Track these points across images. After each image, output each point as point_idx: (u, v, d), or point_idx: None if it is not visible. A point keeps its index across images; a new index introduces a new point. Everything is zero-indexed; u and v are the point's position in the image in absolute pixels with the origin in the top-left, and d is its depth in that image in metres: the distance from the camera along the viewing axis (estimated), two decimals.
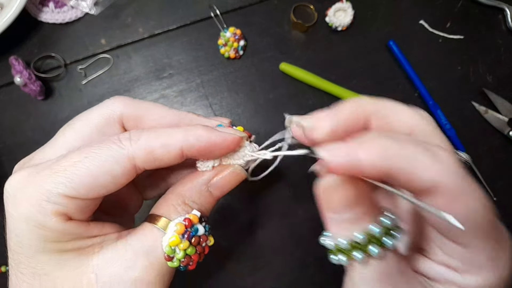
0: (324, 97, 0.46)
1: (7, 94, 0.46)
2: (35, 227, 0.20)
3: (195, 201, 0.24)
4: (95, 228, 0.23)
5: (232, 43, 0.45)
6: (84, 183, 0.21)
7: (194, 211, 0.23)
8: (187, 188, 0.24)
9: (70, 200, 0.21)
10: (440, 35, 0.48)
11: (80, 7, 0.47)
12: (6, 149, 0.44)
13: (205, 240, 0.23)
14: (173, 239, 0.21)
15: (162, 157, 0.22)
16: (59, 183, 0.20)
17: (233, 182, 0.25)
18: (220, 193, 0.25)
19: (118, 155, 0.21)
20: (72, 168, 0.21)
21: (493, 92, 0.46)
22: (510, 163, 0.45)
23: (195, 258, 0.22)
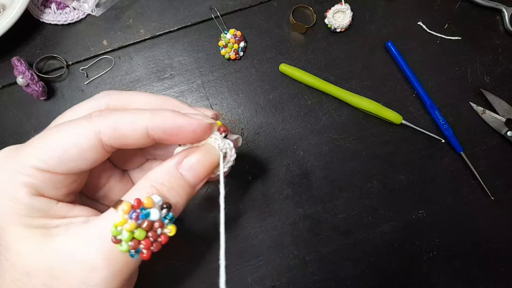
0: (323, 98, 0.46)
1: (10, 94, 0.46)
2: (6, 196, 0.21)
3: (163, 183, 0.22)
4: (63, 209, 0.22)
5: (232, 44, 0.46)
6: (54, 155, 0.21)
7: (154, 195, 0.21)
8: (156, 170, 0.23)
9: (41, 173, 0.21)
10: (438, 36, 0.48)
11: (82, 9, 0.47)
12: None
13: (161, 227, 0.21)
14: (118, 218, 0.20)
15: (127, 134, 0.22)
16: (31, 155, 0.21)
17: (205, 162, 0.23)
18: (192, 175, 0.23)
19: (86, 128, 0.22)
20: (44, 141, 0.22)
21: (490, 93, 0.46)
22: (507, 163, 0.45)
23: (147, 243, 0.20)
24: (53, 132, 0.22)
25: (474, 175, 0.44)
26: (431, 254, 0.43)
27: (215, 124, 0.24)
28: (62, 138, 0.22)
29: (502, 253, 0.43)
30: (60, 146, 0.21)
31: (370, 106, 0.45)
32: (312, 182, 0.44)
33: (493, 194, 0.44)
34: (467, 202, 0.44)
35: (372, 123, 0.46)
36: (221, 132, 0.25)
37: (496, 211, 0.44)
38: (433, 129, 0.46)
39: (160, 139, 0.23)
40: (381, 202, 0.44)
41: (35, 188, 0.21)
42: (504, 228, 0.44)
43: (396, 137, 0.46)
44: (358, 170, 0.45)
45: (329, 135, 0.45)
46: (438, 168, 0.45)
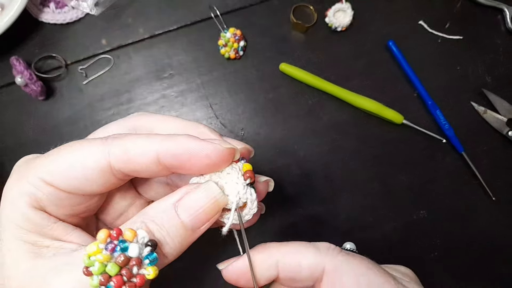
0: (324, 97, 0.46)
1: (8, 94, 0.46)
2: (8, 202, 0.21)
3: (155, 220, 0.20)
4: (60, 229, 0.21)
5: (232, 43, 0.45)
6: (60, 169, 0.20)
7: (139, 230, 0.19)
8: (152, 206, 0.21)
9: (46, 186, 0.20)
10: (439, 36, 0.48)
11: (80, 8, 0.47)
12: (6, 149, 0.45)
13: (139, 265, 0.18)
14: (93, 247, 0.17)
15: (136, 159, 0.20)
16: (42, 166, 0.21)
17: (205, 206, 0.20)
18: (189, 217, 0.20)
19: (95, 148, 0.21)
20: (57, 155, 0.21)
21: (492, 92, 0.46)
22: (508, 162, 0.45)
23: (118, 281, 0.17)
24: (66, 147, 0.21)
25: (475, 175, 0.44)
26: (432, 254, 0.43)
27: (236, 151, 0.22)
28: (70, 154, 0.21)
29: (503, 253, 0.43)
30: (66, 161, 0.21)
31: (371, 105, 0.44)
32: (312, 182, 0.44)
33: (494, 194, 0.43)
34: (468, 202, 0.44)
35: (373, 123, 0.46)
36: (246, 178, 0.21)
37: (497, 211, 0.44)
38: (434, 129, 0.45)
39: (172, 167, 0.21)
40: (381, 202, 0.44)
41: (37, 201, 0.20)
42: (505, 228, 0.43)
43: (397, 137, 0.45)
44: (358, 170, 0.44)
45: (330, 135, 0.45)
46: (439, 168, 0.45)
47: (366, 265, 0.22)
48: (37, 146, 0.45)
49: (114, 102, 0.46)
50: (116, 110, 0.46)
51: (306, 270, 0.22)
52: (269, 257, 0.23)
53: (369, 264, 0.23)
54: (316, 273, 0.22)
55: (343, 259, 0.22)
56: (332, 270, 0.22)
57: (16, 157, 0.44)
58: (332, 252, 0.23)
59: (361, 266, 0.22)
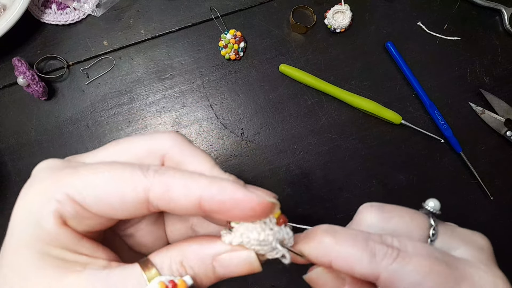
0: (323, 98, 0.47)
1: (10, 94, 0.46)
2: (32, 218, 0.19)
3: (193, 267, 0.20)
4: (86, 245, 0.21)
5: (232, 44, 0.46)
6: (95, 194, 0.19)
7: (187, 277, 0.19)
8: (192, 249, 0.21)
9: (72, 204, 0.19)
10: (438, 37, 0.48)
11: (82, 9, 0.47)
12: (9, 149, 0.45)
13: None
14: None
15: (177, 199, 0.20)
16: (71, 183, 0.20)
17: (241, 268, 0.21)
18: (223, 273, 0.21)
19: (137, 181, 0.20)
20: (92, 175, 0.20)
21: (490, 93, 0.46)
22: (506, 162, 0.45)
23: None
24: (104, 170, 0.20)
25: (473, 175, 0.44)
26: None
27: (277, 205, 0.21)
28: (109, 181, 0.20)
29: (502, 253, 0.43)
30: (104, 187, 0.19)
31: (370, 106, 0.45)
32: (312, 182, 0.44)
33: (492, 194, 0.44)
34: (467, 202, 0.44)
35: (372, 123, 0.46)
36: (280, 224, 0.22)
37: (495, 211, 0.44)
38: (432, 129, 0.46)
39: (211, 211, 0.20)
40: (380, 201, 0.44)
41: (62, 217, 0.20)
42: (503, 227, 0.44)
43: (395, 137, 0.46)
44: (357, 170, 0.45)
45: (329, 135, 0.46)
46: (438, 168, 0.45)
47: (426, 268, 0.20)
48: (39, 146, 0.45)
49: (115, 102, 0.46)
50: (117, 110, 0.46)
51: (359, 275, 0.21)
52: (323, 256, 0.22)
53: (431, 265, 0.21)
54: (370, 279, 0.21)
55: (398, 266, 0.21)
56: (386, 281, 0.21)
57: (18, 157, 0.45)
58: (389, 257, 0.21)
59: (418, 272, 0.20)
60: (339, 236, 0.22)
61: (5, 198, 0.43)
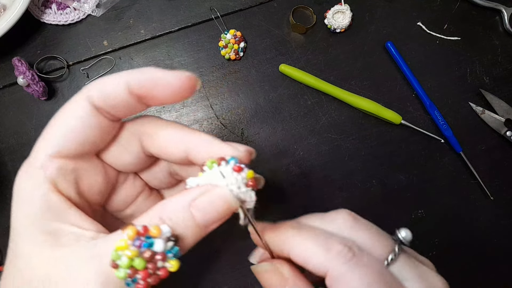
0: (323, 98, 0.47)
1: (10, 94, 0.46)
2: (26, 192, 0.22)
3: (171, 218, 0.21)
4: (75, 216, 0.22)
5: (232, 44, 0.46)
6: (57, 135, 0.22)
7: (163, 225, 0.20)
8: (169, 203, 0.22)
9: (53, 161, 0.22)
10: (438, 37, 0.48)
11: (82, 9, 0.47)
12: (8, 149, 0.45)
13: (163, 259, 0.19)
14: (121, 243, 0.19)
15: (110, 92, 0.22)
16: (41, 146, 0.22)
17: (217, 206, 0.22)
18: (202, 217, 0.21)
19: (76, 99, 0.23)
20: (49, 128, 0.22)
21: (490, 93, 0.46)
22: (506, 162, 0.45)
23: (144, 274, 0.19)
24: (51, 122, 0.23)
25: (473, 175, 0.44)
26: (430, 254, 0.43)
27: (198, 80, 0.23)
28: (59, 119, 0.22)
29: (502, 253, 0.43)
30: (57, 125, 0.22)
31: (370, 106, 0.45)
32: (312, 182, 0.44)
33: (492, 194, 0.44)
34: (466, 202, 0.44)
35: (372, 123, 0.46)
36: (248, 186, 0.22)
37: (495, 211, 0.44)
38: (432, 129, 0.46)
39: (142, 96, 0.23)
40: (380, 201, 0.44)
41: (52, 181, 0.22)
42: (503, 227, 0.44)
43: (395, 137, 0.46)
44: (357, 170, 0.45)
45: (329, 135, 0.46)
46: (438, 168, 0.45)
47: (371, 280, 0.21)
48: None
49: None
50: None
51: (312, 268, 0.22)
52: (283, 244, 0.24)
53: (377, 280, 0.21)
54: (320, 273, 0.22)
55: (347, 268, 0.21)
56: (333, 278, 0.22)
57: (18, 157, 0.45)
58: (343, 257, 0.22)
59: (363, 281, 0.21)
60: (303, 230, 0.24)
61: (5, 198, 0.43)
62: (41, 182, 0.21)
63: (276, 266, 0.24)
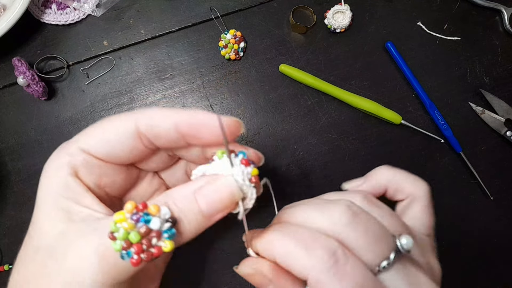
0: (323, 98, 0.47)
1: (10, 94, 0.46)
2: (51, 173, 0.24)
3: (176, 203, 0.22)
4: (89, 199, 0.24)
5: (232, 44, 0.46)
6: (94, 137, 0.24)
7: (163, 207, 0.21)
8: (176, 189, 0.23)
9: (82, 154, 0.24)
10: (438, 37, 0.48)
11: (82, 9, 0.47)
12: (9, 149, 0.45)
13: (158, 237, 0.20)
14: (119, 216, 0.20)
15: (158, 124, 0.24)
16: (79, 139, 0.24)
17: (221, 194, 0.22)
18: (205, 203, 0.22)
19: (124, 117, 0.24)
20: (91, 128, 0.25)
21: (490, 93, 0.46)
22: (506, 162, 0.45)
23: (138, 248, 0.19)
24: (98, 122, 0.25)
25: (473, 175, 0.44)
26: None
27: (242, 125, 0.25)
28: (103, 124, 0.25)
29: (502, 253, 0.43)
30: (100, 130, 0.24)
31: (370, 106, 0.45)
32: (312, 182, 0.44)
33: (492, 194, 0.44)
34: (466, 202, 0.44)
35: (372, 123, 0.46)
36: (252, 182, 0.23)
37: (495, 211, 0.44)
38: (432, 129, 0.46)
39: (188, 135, 0.24)
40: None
41: (74, 168, 0.24)
42: (504, 227, 0.44)
43: (395, 137, 0.46)
44: (357, 170, 0.45)
45: (329, 135, 0.46)
46: (438, 168, 0.45)
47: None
48: (38, 146, 0.45)
49: (115, 102, 0.46)
50: (117, 110, 0.46)
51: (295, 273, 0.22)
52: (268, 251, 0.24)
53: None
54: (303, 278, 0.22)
55: (327, 277, 0.20)
56: (311, 285, 0.21)
57: (18, 157, 0.45)
58: (323, 264, 0.21)
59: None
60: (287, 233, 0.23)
61: (5, 198, 0.43)
62: (64, 165, 0.23)
63: (256, 268, 0.24)
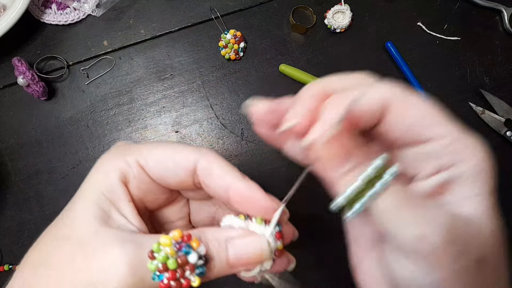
0: None
1: (10, 94, 0.46)
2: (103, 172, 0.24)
3: (208, 242, 0.23)
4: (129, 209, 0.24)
5: (232, 44, 0.46)
6: (156, 159, 0.24)
7: (202, 244, 0.22)
8: (211, 230, 0.24)
9: (137, 169, 0.24)
10: (438, 37, 0.48)
11: (82, 9, 0.47)
12: (9, 149, 0.45)
13: (191, 270, 0.21)
14: (165, 240, 0.21)
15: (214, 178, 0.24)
16: (141, 151, 0.25)
17: (251, 250, 0.23)
18: (234, 255, 0.23)
19: (190, 153, 0.25)
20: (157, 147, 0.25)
21: (490, 93, 0.46)
22: (506, 162, 0.45)
23: (171, 275, 0.20)
24: (166, 143, 0.26)
25: None
26: None
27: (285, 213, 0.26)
28: (169, 149, 0.25)
29: None
30: (164, 154, 0.25)
31: None
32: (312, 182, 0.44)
33: None
34: None
35: None
36: (279, 238, 0.25)
37: None
38: None
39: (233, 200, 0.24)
40: None
41: (125, 176, 0.24)
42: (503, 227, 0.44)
43: None
44: None
45: None
46: None
47: None
48: (39, 146, 0.45)
49: (115, 102, 0.46)
50: (117, 110, 0.46)
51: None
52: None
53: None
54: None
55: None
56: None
57: (18, 157, 0.45)
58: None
59: None
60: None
61: (5, 198, 0.43)
62: (118, 169, 0.24)
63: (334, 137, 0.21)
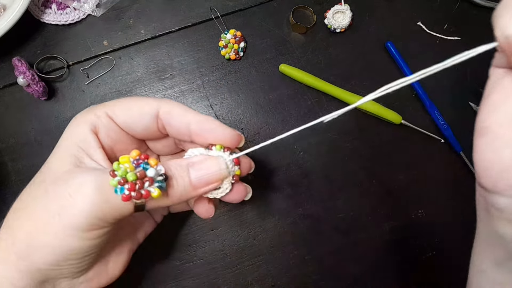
0: (323, 98, 0.47)
1: (10, 94, 0.46)
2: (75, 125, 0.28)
3: (171, 168, 0.26)
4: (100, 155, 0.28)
5: (232, 44, 0.46)
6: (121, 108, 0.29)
7: (160, 165, 0.24)
8: (173, 160, 0.27)
9: (106, 118, 0.28)
10: (438, 36, 0.48)
11: (82, 9, 0.47)
12: (8, 149, 0.45)
13: (150, 183, 0.23)
14: (124, 158, 0.23)
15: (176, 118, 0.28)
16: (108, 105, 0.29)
17: (210, 168, 0.26)
18: (195, 176, 0.26)
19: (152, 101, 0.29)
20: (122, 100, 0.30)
21: None
22: None
23: (131, 186, 0.23)
24: (128, 98, 0.30)
25: (473, 175, 0.44)
26: (430, 254, 0.43)
27: (242, 138, 0.29)
28: (133, 101, 0.29)
29: None
30: (128, 104, 0.29)
31: (370, 106, 0.45)
32: (312, 182, 0.44)
33: None
34: (466, 202, 0.44)
35: (372, 123, 0.46)
36: (236, 163, 0.29)
37: None
38: (432, 129, 0.46)
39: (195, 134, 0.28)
40: (380, 201, 0.44)
41: (95, 126, 0.28)
42: None
43: (395, 137, 0.46)
44: (357, 170, 0.45)
45: (329, 135, 0.46)
46: (438, 168, 0.45)
47: None
48: (38, 146, 0.45)
49: None
50: None
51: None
52: None
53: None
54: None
55: None
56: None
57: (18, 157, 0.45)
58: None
59: None
60: None
61: (5, 198, 0.43)
62: (88, 122, 0.28)
63: None
